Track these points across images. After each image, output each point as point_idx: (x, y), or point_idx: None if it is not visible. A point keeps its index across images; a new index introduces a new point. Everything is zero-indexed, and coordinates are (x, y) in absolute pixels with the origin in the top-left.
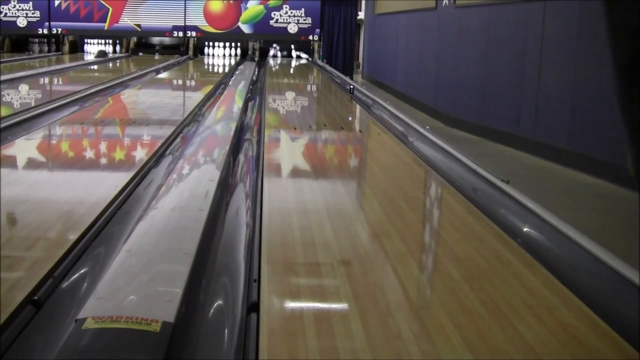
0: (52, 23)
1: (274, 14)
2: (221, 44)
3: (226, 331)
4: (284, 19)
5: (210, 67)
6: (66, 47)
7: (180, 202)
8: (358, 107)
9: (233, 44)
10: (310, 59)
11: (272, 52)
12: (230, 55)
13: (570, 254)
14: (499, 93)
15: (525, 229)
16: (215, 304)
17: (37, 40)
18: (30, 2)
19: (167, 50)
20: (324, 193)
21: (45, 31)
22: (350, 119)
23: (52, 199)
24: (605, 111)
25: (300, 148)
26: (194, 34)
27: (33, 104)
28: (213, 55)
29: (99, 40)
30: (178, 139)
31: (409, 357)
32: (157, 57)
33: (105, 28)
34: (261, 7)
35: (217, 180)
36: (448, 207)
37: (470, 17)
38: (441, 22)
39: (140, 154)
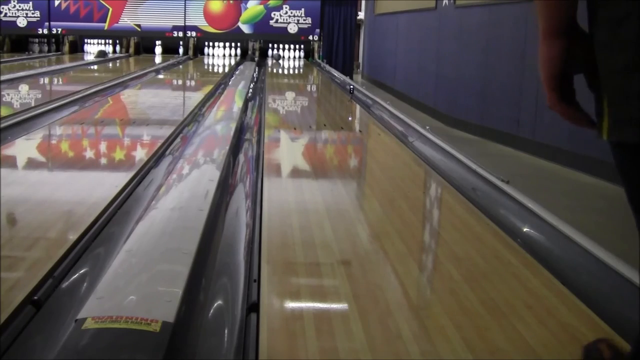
0: (52, 23)
1: (274, 14)
2: (221, 44)
3: (226, 331)
4: (284, 19)
5: (210, 67)
6: (66, 47)
7: (180, 202)
8: (358, 107)
9: (233, 44)
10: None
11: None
12: (230, 55)
13: (570, 254)
14: (499, 93)
15: (525, 229)
16: (215, 304)
17: (37, 40)
18: (30, 2)
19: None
20: (324, 193)
21: (45, 31)
22: (350, 119)
23: (52, 199)
24: None
25: (300, 148)
26: (194, 34)
27: (33, 104)
28: (213, 55)
29: (99, 40)
30: (178, 139)
31: (408, 357)
32: (157, 58)
33: (105, 28)
34: (261, 7)
35: (217, 180)
36: (448, 207)
37: (470, 17)
38: (441, 22)
39: (140, 154)
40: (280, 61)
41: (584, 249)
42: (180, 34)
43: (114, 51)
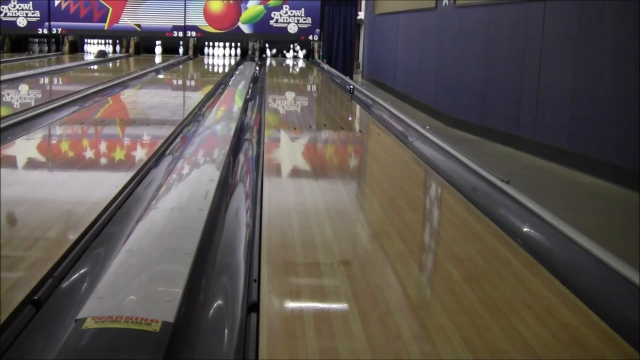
0: (52, 23)
1: (274, 14)
2: (221, 44)
3: (226, 331)
4: (284, 19)
5: (210, 67)
6: (66, 47)
7: (180, 202)
8: (358, 107)
9: (233, 44)
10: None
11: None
12: (230, 55)
13: (570, 254)
14: (499, 93)
15: (525, 229)
16: (215, 304)
17: (37, 40)
18: (30, 2)
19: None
20: (324, 193)
21: (45, 31)
22: (350, 119)
23: (52, 199)
24: (605, 111)
25: (300, 148)
26: (194, 34)
27: (33, 104)
28: (213, 55)
29: (99, 40)
30: (178, 139)
31: (408, 357)
32: (157, 58)
33: (105, 28)
34: (261, 7)
35: (217, 180)
36: (448, 207)
37: (470, 17)
38: (441, 22)
39: (140, 154)
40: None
41: (584, 249)
42: (180, 34)
43: (114, 51)
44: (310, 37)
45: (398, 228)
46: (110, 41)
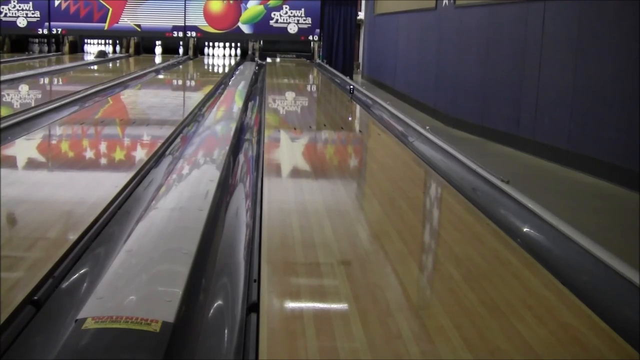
0: (52, 23)
1: (274, 14)
2: (221, 44)
3: (226, 331)
4: (284, 19)
5: (210, 67)
6: (66, 47)
7: (180, 202)
8: (358, 107)
9: (233, 44)
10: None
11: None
12: (230, 55)
13: (570, 254)
14: (499, 93)
15: (525, 229)
16: (215, 304)
17: (37, 40)
18: (30, 2)
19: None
20: (324, 193)
21: (45, 31)
22: (350, 119)
23: (52, 199)
24: (605, 111)
25: (300, 148)
26: (194, 34)
27: (33, 104)
28: (213, 55)
29: (99, 40)
30: (178, 139)
31: (409, 357)
32: (157, 58)
33: (105, 28)
34: (261, 7)
35: (217, 180)
36: (448, 207)
37: (470, 17)
38: (441, 22)
39: (140, 154)
40: (280, 61)
41: (584, 249)
42: (180, 34)
43: (114, 51)
44: (310, 37)
45: (398, 228)
46: (110, 41)
